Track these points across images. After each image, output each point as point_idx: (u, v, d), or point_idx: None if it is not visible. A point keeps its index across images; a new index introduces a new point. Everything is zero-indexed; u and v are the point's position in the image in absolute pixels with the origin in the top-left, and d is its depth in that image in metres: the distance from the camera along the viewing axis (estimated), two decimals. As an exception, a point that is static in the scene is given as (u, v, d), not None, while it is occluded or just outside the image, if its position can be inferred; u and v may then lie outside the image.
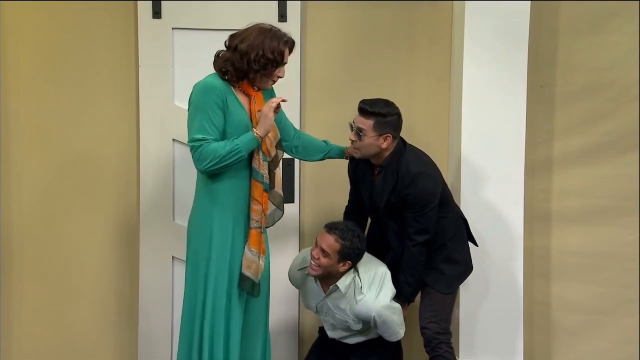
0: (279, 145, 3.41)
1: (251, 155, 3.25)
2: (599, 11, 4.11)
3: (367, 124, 3.41)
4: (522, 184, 3.94)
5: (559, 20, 4.13)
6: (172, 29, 3.94)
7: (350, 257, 3.37)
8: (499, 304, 3.97)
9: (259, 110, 3.27)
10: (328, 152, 3.67)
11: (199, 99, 3.17)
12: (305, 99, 4.10)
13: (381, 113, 3.40)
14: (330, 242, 3.34)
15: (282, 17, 3.98)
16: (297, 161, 4.05)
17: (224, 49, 3.27)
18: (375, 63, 4.11)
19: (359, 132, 3.42)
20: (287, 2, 3.97)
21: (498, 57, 3.88)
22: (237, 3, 3.95)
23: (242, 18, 3.92)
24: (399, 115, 3.46)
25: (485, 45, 3.88)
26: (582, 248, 4.22)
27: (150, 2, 3.93)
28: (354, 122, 3.45)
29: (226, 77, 3.23)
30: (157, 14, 3.94)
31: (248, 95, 3.29)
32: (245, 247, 3.28)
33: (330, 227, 3.39)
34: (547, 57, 4.13)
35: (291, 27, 3.98)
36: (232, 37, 3.27)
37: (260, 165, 3.26)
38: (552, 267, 4.24)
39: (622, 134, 4.16)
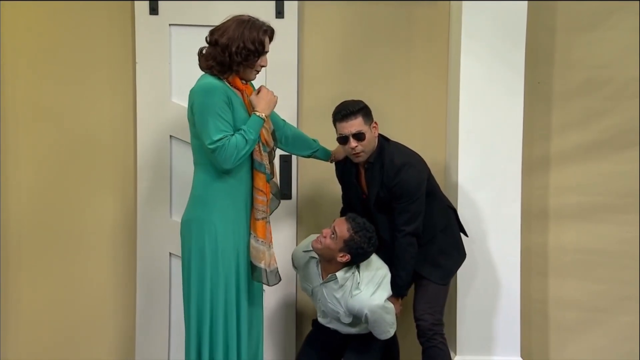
0: (273, 135, 3.47)
1: None
2: (596, 9, 4.17)
3: (358, 123, 3.48)
4: (519, 181, 3.98)
5: (557, 18, 4.17)
6: (169, 25, 3.98)
7: (351, 252, 3.43)
8: (496, 301, 4.01)
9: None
10: (316, 151, 3.75)
11: (205, 101, 3.20)
12: (303, 96, 4.13)
13: (359, 107, 3.50)
14: (342, 228, 3.43)
15: (280, 14, 4.01)
16: (294, 158, 4.08)
17: (206, 46, 3.35)
18: (372, 61, 4.13)
19: (358, 135, 3.48)
20: (285, 0, 3.98)
21: (495, 55, 3.91)
22: (235, 1, 3.97)
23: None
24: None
25: (483, 42, 3.91)
26: (579, 245, 4.26)
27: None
28: (343, 133, 3.50)
29: (214, 73, 3.28)
30: (154, 10, 3.97)
31: (239, 89, 3.35)
32: (251, 238, 3.34)
33: (350, 217, 3.49)
34: (544, 55, 4.17)
35: (288, 25, 4.02)
36: (211, 32, 3.33)
37: (262, 156, 3.34)
38: (550, 265, 4.28)
39: (620, 131, 4.21)
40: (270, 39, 3.35)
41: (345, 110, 3.48)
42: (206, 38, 3.33)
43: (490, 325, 4.01)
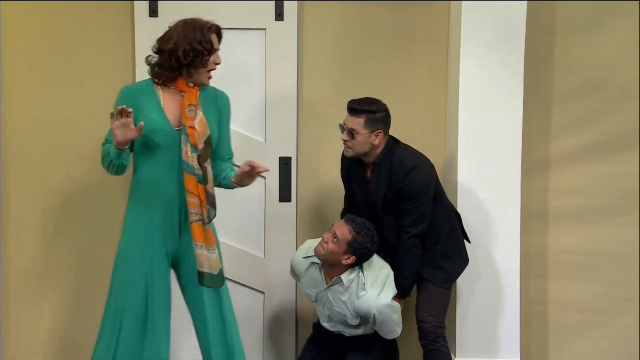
0: (208, 142, 3.36)
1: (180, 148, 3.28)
2: (595, 10, 4.21)
3: (358, 122, 3.53)
4: (518, 183, 4.02)
5: (556, 20, 4.22)
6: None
7: (355, 253, 3.47)
8: (496, 303, 4.05)
9: (190, 104, 3.30)
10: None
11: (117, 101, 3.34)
12: (302, 99, 4.17)
13: (371, 110, 3.54)
14: (344, 230, 3.47)
15: (279, 16, 4.04)
16: (293, 160, 4.10)
17: (154, 55, 3.34)
18: (372, 62, 4.17)
19: (351, 132, 3.54)
20: (284, 1, 4.05)
21: (495, 57, 3.96)
22: (235, 3, 4.03)
23: (239, 17, 4.02)
24: (387, 111, 3.61)
25: (482, 43, 3.96)
26: (578, 247, 4.31)
27: (147, 1, 4.01)
28: (344, 123, 3.58)
29: (159, 81, 3.32)
30: (153, 12, 4.00)
31: (181, 93, 3.34)
32: (193, 243, 3.31)
33: (350, 219, 3.53)
34: (543, 57, 4.21)
35: (288, 27, 4.06)
36: (159, 40, 3.34)
37: (189, 157, 3.27)
38: (549, 266, 4.32)
39: (619, 133, 4.26)
40: (219, 36, 3.37)
41: (354, 105, 3.55)
42: (153, 47, 3.33)
43: (490, 327, 4.05)
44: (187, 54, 3.24)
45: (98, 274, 4.17)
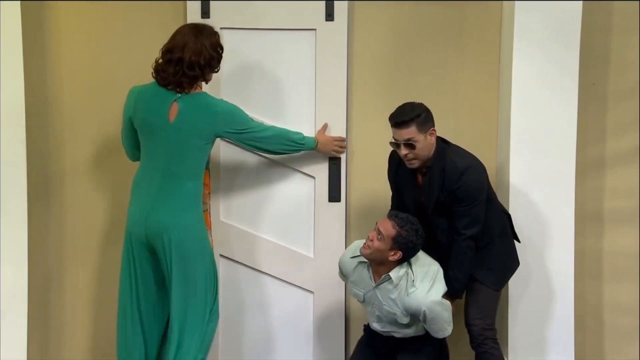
0: None
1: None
2: (653, 8, 4.11)
3: (411, 132, 3.51)
4: (573, 184, 3.98)
5: (612, 18, 4.14)
6: (221, 28, 4.02)
7: (402, 248, 3.47)
8: (549, 305, 4.02)
9: None
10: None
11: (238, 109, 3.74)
12: (352, 98, 4.19)
13: (416, 114, 3.52)
14: (387, 226, 3.47)
15: (330, 16, 4.06)
16: (343, 160, 4.11)
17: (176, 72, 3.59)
18: (423, 62, 4.17)
19: (409, 144, 3.50)
20: (335, 1, 4.06)
21: (549, 55, 3.93)
22: (285, 3, 4.06)
23: (289, 18, 4.05)
24: (427, 109, 3.59)
25: (536, 42, 3.93)
26: (634, 249, 4.25)
27: (200, 2, 4.06)
28: (395, 140, 3.54)
29: (194, 87, 3.66)
30: (205, 14, 4.05)
31: None
32: None
33: (392, 214, 3.55)
34: (599, 55, 4.17)
35: (338, 27, 4.08)
36: (169, 50, 3.62)
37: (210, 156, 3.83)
38: (604, 268, 4.26)
39: (676, 133, 4.14)
40: None
41: (397, 119, 3.52)
42: (167, 58, 3.58)
43: (544, 329, 4.01)
44: (210, 60, 3.59)
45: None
